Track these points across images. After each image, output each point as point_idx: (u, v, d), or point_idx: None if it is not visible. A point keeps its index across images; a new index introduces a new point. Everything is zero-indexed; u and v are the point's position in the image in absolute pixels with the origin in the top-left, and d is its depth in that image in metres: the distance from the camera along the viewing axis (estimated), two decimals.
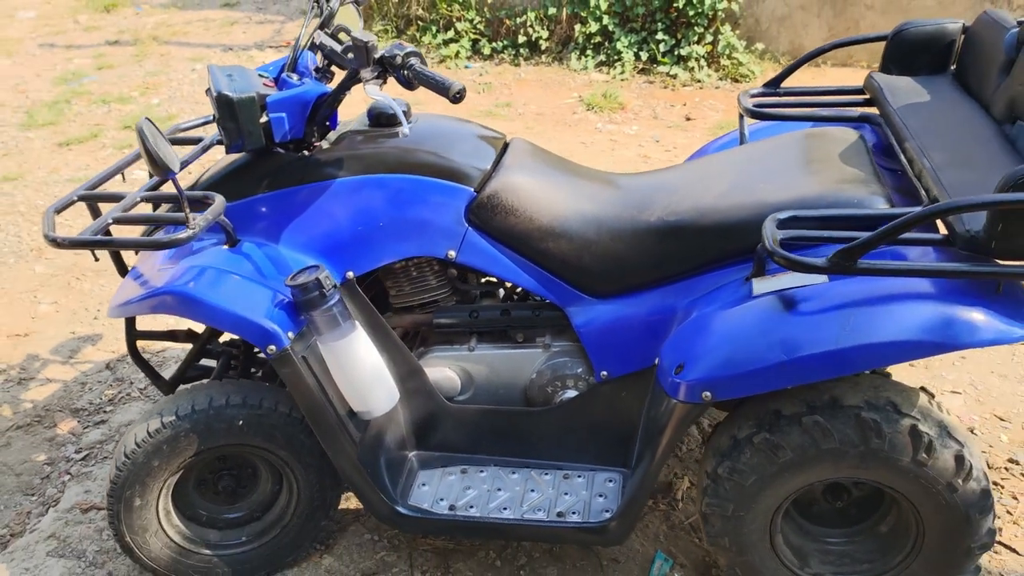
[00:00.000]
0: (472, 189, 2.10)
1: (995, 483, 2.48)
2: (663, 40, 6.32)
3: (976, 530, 1.85)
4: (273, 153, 2.15)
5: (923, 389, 1.91)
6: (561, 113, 5.76)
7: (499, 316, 2.24)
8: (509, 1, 6.74)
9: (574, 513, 2.08)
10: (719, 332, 1.81)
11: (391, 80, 2.04)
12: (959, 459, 1.79)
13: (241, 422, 2.03)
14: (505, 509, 2.11)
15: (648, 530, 2.38)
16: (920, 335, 1.63)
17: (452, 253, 2.12)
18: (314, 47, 2.19)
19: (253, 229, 2.15)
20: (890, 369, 2.96)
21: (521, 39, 6.61)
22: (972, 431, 2.69)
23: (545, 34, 6.58)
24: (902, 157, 2.00)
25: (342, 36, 2.22)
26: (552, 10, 6.52)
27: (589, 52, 6.48)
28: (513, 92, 6.17)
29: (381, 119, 2.18)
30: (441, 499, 2.15)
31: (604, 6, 6.37)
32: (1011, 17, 2.17)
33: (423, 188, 2.10)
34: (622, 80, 6.22)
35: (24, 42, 8.00)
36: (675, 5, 6.26)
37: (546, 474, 2.21)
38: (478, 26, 6.73)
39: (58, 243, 1.93)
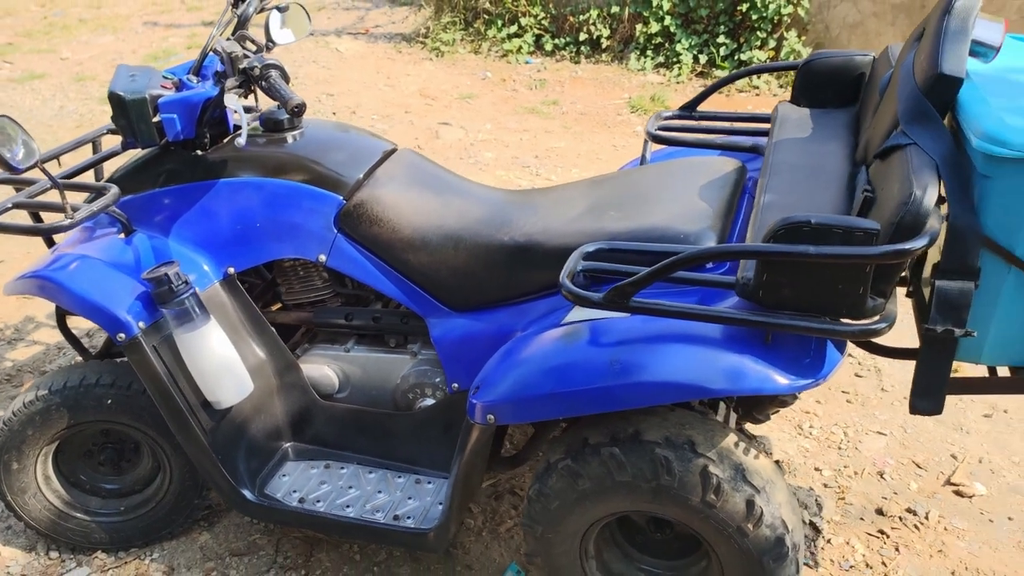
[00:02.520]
0: (341, 197, 2.18)
1: (881, 531, 2.39)
2: (724, 44, 6.20)
3: None
4: (173, 151, 2.29)
5: (741, 430, 1.88)
6: (605, 114, 5.74)
7: (371, 321, 2.32)
8: None
9: (409, 518, 2.15)
10: (513, 356, 1.84)
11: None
12: (750, 504, 1.76)
13: (110, 401, 2.19)
14: (348, 507, 2.19)
15: (512, 541, 2.41)
16: (682, 377, 1.63)
17: (323, 257, 2.20)
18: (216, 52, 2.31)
19: (150, 222, 2.29)
20: (823, 403, 2.91)
21: (582, 36, 6.60)
22: (881, 475, 2.59)
23: (607, 32, 6.55)
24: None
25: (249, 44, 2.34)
26: (615, 8, 6.48)
27: (649, 53, 6.42)
28: (565, 90, 6.18)
29: (270, 124, 2.28)
30: (294, 491, 2.25)
31: (667, 6, 6.29)
32: None
33: (296, 193, 2.19)
34: (678, 83, 6.13)
35: (131, 19, 8.52)
36: (739, 8, 6.13)
37: (400, 477, 2.28)
38: (542, 22, 6.76)
39: None
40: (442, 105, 5.95)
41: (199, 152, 2.27)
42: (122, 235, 2.26)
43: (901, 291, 1.79)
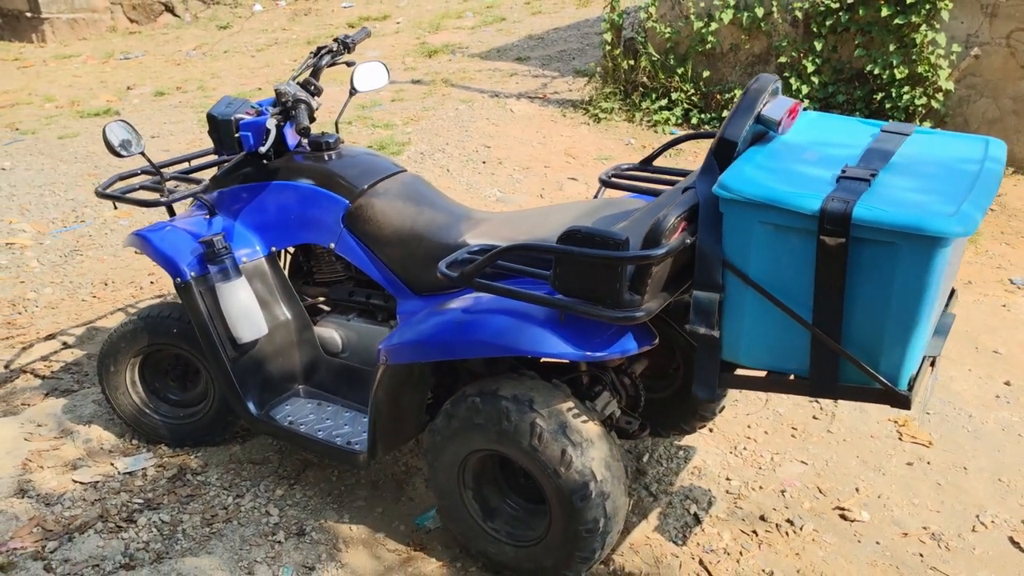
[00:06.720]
0: (348, 201, 2.93)
1: (754, 531, 2.77)
2: None
3: (581, 516, 2.33)
4: (250, 158, 3.14)
5: (585, 400, 2.44)
6: None
7: (364, 299, 3.05)
8: (725, 77, 7.27)
9: (357, 444, 2.83)
10: (414, 319, 2.50)
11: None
12: (563, 452, 2.30)
13: (175, 330, 3.05)
14: (320, 431, 2.91)
15: None
16: (495, 338, 2.24)
17: (333, 245, 2.97)
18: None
19: (229, 208, 3.16)
20: (769, 433, 3.31)
21: (726, 113, 7.10)
22: (783, 492, 2.96)
23: None
24: None
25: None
26: None
27: None
28: (697, 160, 6.67)
29: (312, 144, 3.08)
30: (289, 417, 3.00)
31: (805, 90, 6.68)
32: None
33: (317, 195, 2.98)
34: None
35: None
36: (875, 96, 6.42)
37: (365, 417, 2.97)
38: (692, 97, 7.33)
39: (96, 193, 3.06)
40: (579, 164, 6.65)
41: (265, 161, 3.11)
42: (207, 216, 3.14)
43: None
